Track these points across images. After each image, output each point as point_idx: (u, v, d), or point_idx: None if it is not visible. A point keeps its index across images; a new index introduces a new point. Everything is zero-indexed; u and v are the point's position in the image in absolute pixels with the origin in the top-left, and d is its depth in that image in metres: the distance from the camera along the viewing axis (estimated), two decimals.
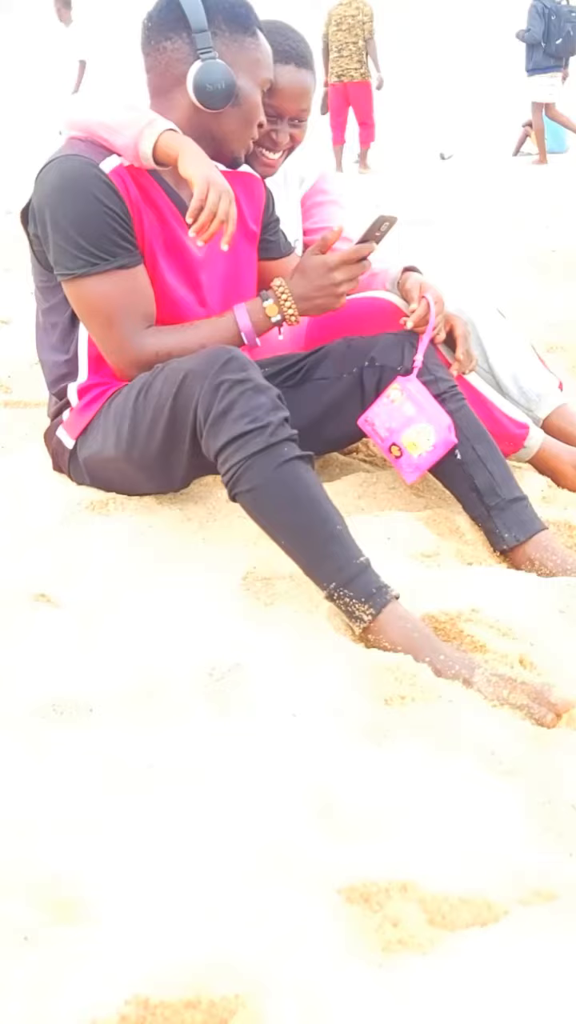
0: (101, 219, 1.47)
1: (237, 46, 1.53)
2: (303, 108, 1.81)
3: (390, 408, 1.58)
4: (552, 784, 1.05)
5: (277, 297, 1.55)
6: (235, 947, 0.82)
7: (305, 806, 0.99)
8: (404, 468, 1.58)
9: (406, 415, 1.56)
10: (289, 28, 1.81)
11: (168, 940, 0.83)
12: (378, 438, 1.61)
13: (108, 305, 1.50)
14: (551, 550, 1.50)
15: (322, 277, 1.52)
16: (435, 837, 0.96)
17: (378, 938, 0.87)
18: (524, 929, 0.88)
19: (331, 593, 1.30)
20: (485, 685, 1.19)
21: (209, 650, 1.23)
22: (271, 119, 1.77)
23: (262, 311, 1.55)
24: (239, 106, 1.54)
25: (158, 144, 1.46)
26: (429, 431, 1.55)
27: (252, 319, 1.55)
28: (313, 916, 0.87)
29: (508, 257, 4.21)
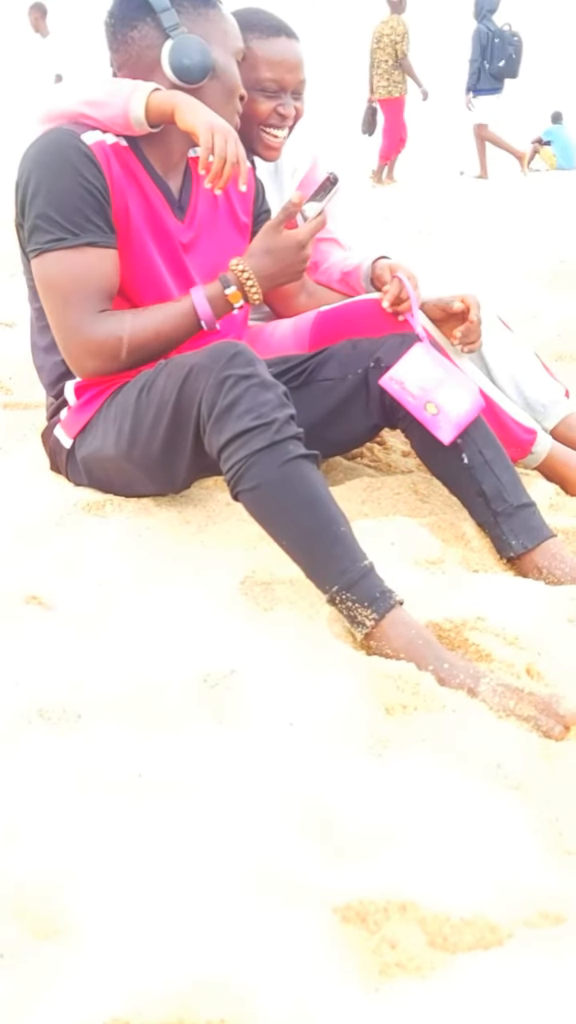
0: (77, 192, 1.44)
1: (203, 19, 1.52)
2: (302, 79, 1.80)
3: (420, 367, 1.52)
4: (560, 800, 1.00)
5: (240, 282, 1.48)
6: (222, 968, 0.78)
7: (301, 820, 0.94)
8: (442, 426, 1.49)
9: (437, 376, 1.50)
10: (264, 9, 1.83)
11: (152, 959, 0.78)
12: (409, 396, 1.51)
13: (66, 282, 1.46)
14: (560, 558, 1.45)
15: (294, 255, 1.49)
16: (437, 854, 0.92)
17: (375, 960, 0.82)
18: (529, 953, 0.83)
19: (333, 597, 1.26)
20: (491, 695, 1.14)
21: (204, 656, 1.18)
22: (274, 94, 1.77)
23: (223, 297, 1.49)
24: (218, 78, 1.53)
25: (150, 104, 1.44)
26: (462, 393, 1.50)
27: (212, 305, 1.49)
28: (306, 936, 0.82)
29: (517, 268, 4.19)
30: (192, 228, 1.61)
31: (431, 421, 1.50)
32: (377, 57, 8.78)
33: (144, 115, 1.45)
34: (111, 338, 1.47)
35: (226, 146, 1.42)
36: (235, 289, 1.48)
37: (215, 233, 1.65)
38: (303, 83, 1.81)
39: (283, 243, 1.48)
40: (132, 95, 1.44)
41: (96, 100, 1.46)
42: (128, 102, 1.44)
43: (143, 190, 1.54)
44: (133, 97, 1.44)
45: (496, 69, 8.55)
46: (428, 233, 5.46)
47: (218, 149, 1.41)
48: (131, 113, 1.44)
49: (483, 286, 3.37)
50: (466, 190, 8.10)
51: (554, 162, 11.25)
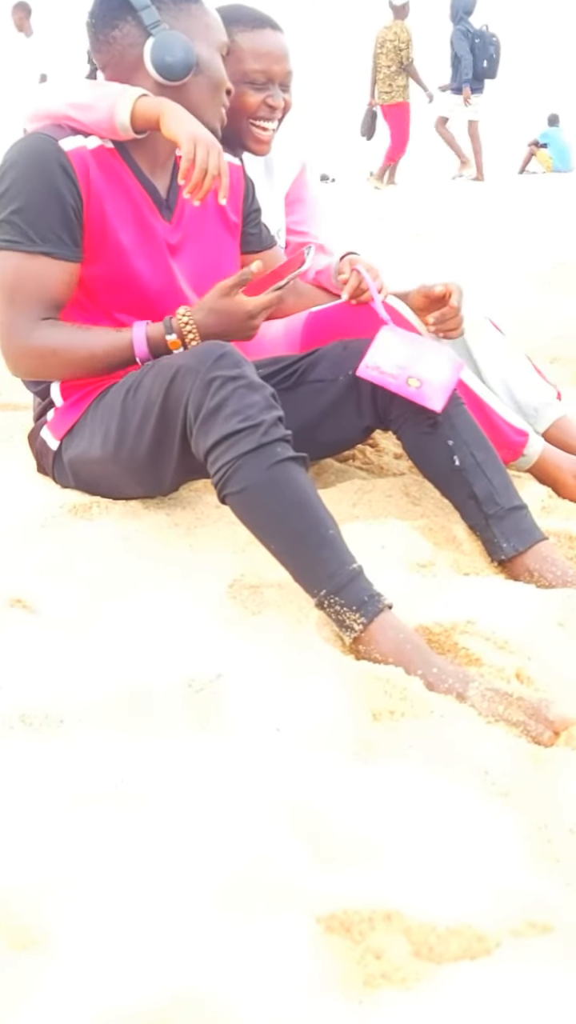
0: (46, 202, 1.43)
1: (185, 15, 1.51)
2: (289, 70, 1.80)
3: (391, 348, 1.51)
4: (549, 807, 0.99)
5: (182, 335, 1.44)
6: (202, 980, 0.76)
7: (285, 827, 0.92)
8: (429, 395, 1.48)
9: (411, 351, 1.50)
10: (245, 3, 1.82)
11: (130, 971, 0.77)
12: (389, 377, 1.50)
13: (13, 283, 1.45)
14: (551, 561, 1.44)
15: (240, 322, 1.44)
16: (423, 863, 0.90)
17: (359, 971, 0.80)
18: (517, 963, 0.81)
19: (321, 600, 1.24)
20: (480, 700, 1.12)
21: (189, 660, 1.17)
22: (263, 87, 1.76)
23: (163, 340, 1.45)
24: (202, 73, 1.52)
25: (136, 110, 1.43)
26: (439, 359, 1.49)
27: (151, 344, 1.46)
28: (289, 947, 0.80)
29: (513, 270, 4.19)
30: (180, 229, 1.59)
31: (417, 394, 1.49)
32: (379, 62, 8.83)
33: (130, 121, 1.44)
34: (44, 347, 1.46)
35: (208, 158, 1.40)
36: (175, 338, 1.45)
37: (204, 234, 1.63)
38: (290, 74, 1.81)
39: (231, 308, 1.43)
40: (118, 100, 1.43)
41: (82, 103, 1.45)
42: (114, 107, 1.43)
43: (128, 192, 1.52)
44: (119, 102, 1.43)
45: (480, 70, 8.71)
46: (424, 235, 5.46)
47: (199, 160, 1.40)
48: (116, 118, 1.43)
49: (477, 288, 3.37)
50: (462, 192, 8.10)
51: (550, 164, 11.26)
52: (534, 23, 18.57)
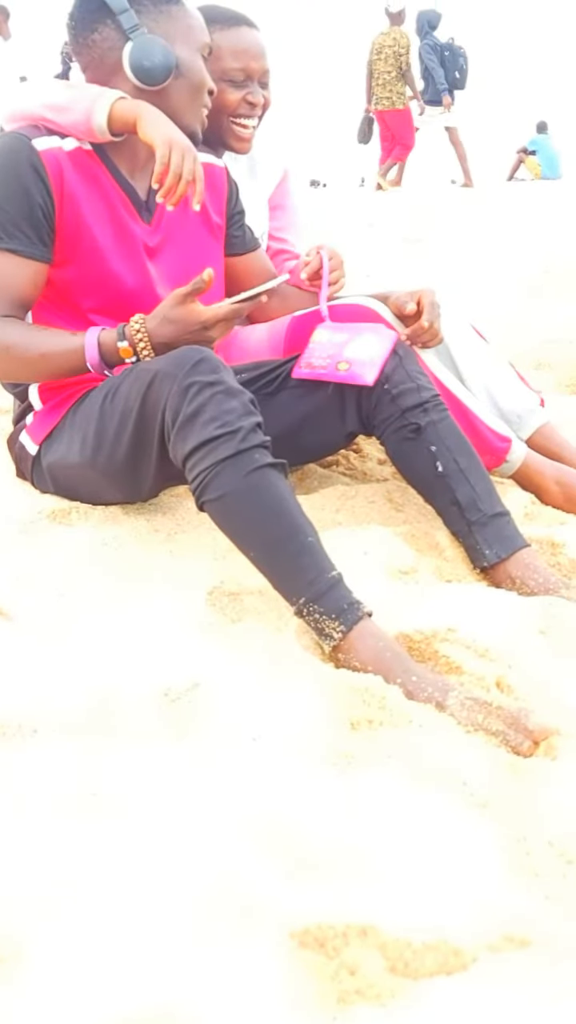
0: (14, 201, 1.42)
1: (165, 17, 1.50)
2: (267, 68, 1.80)
3: (320, 346, 1.55)
4: (528, 818, 0.97)
5: (133, 343, 1.40)
6: (173, 996, 0.75)
7: (259, 839, 0.91)
8: (359, 372, 1.50)
9: (338, 341, 1.53)
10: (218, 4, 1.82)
11: (101, 986, 0.75)
12: (319, 370, 1.53)
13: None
14: (533, 568, 1.43)
15: (195, 333, 1.39)
16: (399, 876, 0.89)
17: (333, 988, 0.79)
18: (494, 978, 0.80)
19: (300, 609, 1.23)
20: (459, 709, 1.11)
21: (166, 669, 1.15)
22: (242, 84, 1.77)
23: (115, 347, 1.41)
24: (182, 76, 1.50)
25: (113, 112, 1.42)
26: (371, 339, 1.52)
27: (102, 350, 1.41)
28: (261, 962, 0.79)
29: (501, 276, 4.19)
30: (159, 231, 1.58)
31: (347, 376, 1.51)
32: (378, 68, 8.85)
33: (107, 123, 1.42)
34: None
35: (183, 162, 1.40)
36: (127, 346, 1.40)
37: (185, 236, 1.62)
38: (268, 72, 1.81)
39: (185, 316, 1.38)
40: (96, 102, 1.42)
41: (58, 105, 1.43)
42: (91, 109, 1.42)
43: (105, 194, 1.51)
44: (96, 104, 1.42)
45: (451, 80, 8.84)
46: (413, 240, 5.46)
47: (174, 164, 1.39)
48: (94, 120, 1.42)
49: (462, 294, 3.37)
50: (451, 199, 8.11)
51: (539, 172, 11.30)
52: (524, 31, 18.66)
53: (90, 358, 1.41)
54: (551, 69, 18.41)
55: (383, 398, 1.54)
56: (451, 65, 8.78)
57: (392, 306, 1.67)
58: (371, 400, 1.56)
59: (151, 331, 1.39)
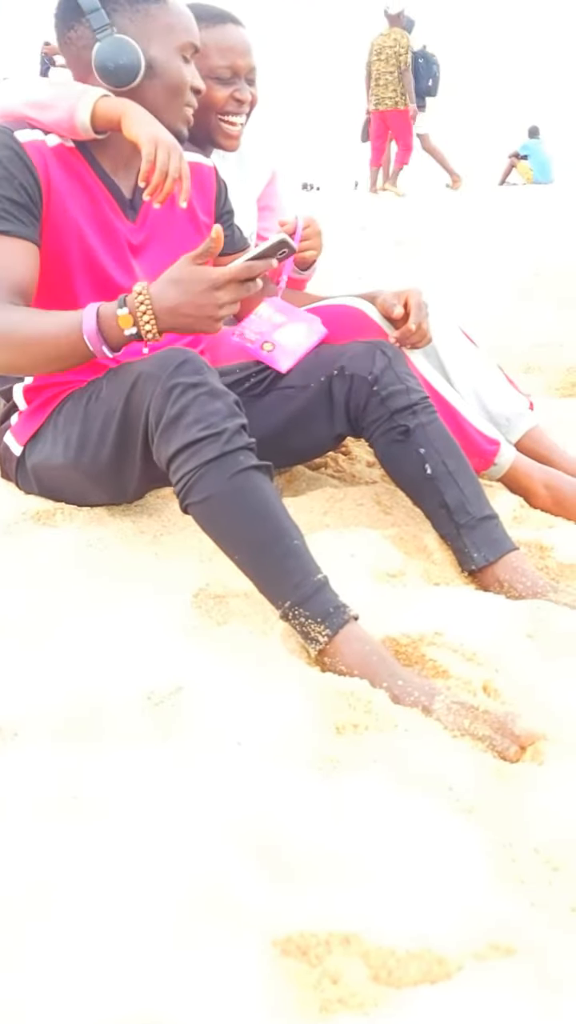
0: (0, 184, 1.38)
1: (142, 16, 1.47)
2: (253, 65, 1.80)
3: (259, 320, 1.62)
4: (514, 824, 0.96)
5: (133, 307, 1.28)
6: (152, 1003, 0.73)
7: (243, 845, 0.89)
8: (278, 358, 1.60)
9: (275, 322, 1.61)
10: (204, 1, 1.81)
11: (80, 993, 0.73)
12: (247, 343, 1.62)
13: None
14: (521, 571, 1.42)
15: (203, 294, 1.27)
16: (384, 882, 0.88)
17: (315, 996, 0.78)
18: (479, 987, 0.79)
19: (286, 612, 1.22)
20: (445, 714, 1.10)
21: (150, 672, 1.13)
22: (229, 81, 1.76)
23: (114, 317, 1.29)
24: (156, 76, 1.47)
25: (96, 110, 1.40)
26: (301, 328, 1.60)
27: (102, 324, 1.30)
28: (242, 970, 0.78)
29: (492, 280, 4.19)
30: (144, 229, 1.57)
31: (268, 357, 1.60)
32: (378, 69, 8.85)
33: (90, 121, 1.41)
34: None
35: (168, 160, 1.38)
36: (127, 312, 1.28)
37: (170, 234, 1.60)
38: (254, 69, 1.81)
39: (192, 275, 1.28)
40: (79, 100, 1.41)
41: (40, 102, 1.42)
42: (74, 107, 1.40)
43: (90, 191, 1.49)
44: (80, 102, 1.41)
45: (423, 88, 8.86)
46: (405, 243, 5.47)
47: (160, 163, 1.38)
48: (77, 118, 1.41)
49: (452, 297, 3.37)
50: (443, 202, 8.12)
51: (531, 176, 11.32)
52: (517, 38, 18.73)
53: (87, 330, 1.29)
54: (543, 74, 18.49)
55: (372, 400, 1.53)
56: (424, 73, 8.80)
57: (379, 307, 1.66)
58: (359, 402, 1.55)
59: (154, 295, 1.29)
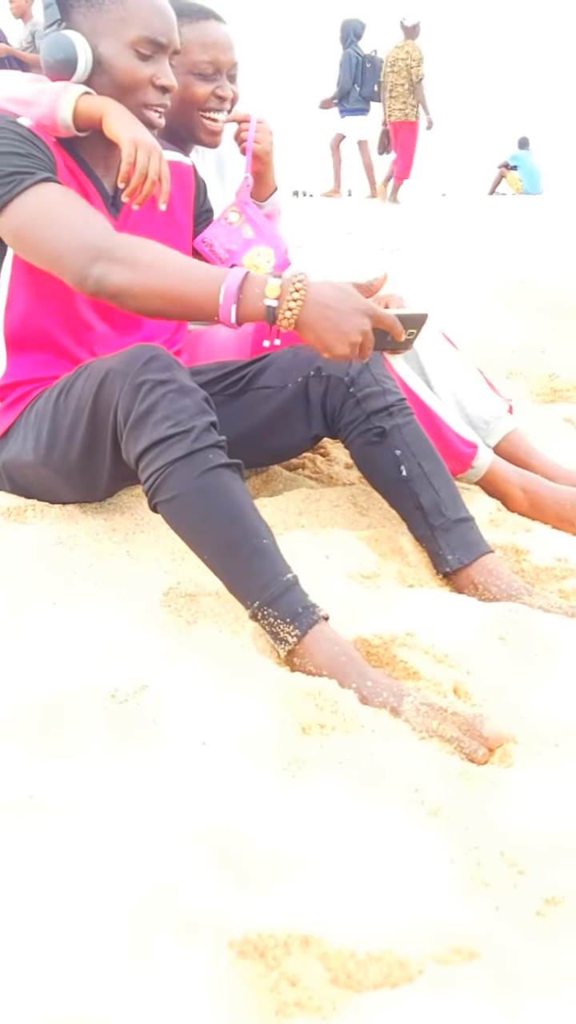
0: (17, 147, 1.36)
1: (95, 11, 1.43)
2: (235, 61, 1.78)
3: (229, 229, 1.60)
4: (480, 827, 0.95)
5: (287, 284, 1.24)
6: (105, 1006, 0.72)
7: (202, 845, 0.88)
8: None
9: (245, 237, 1.59)
10: None
11: (30, 995, 0.72)
12: (217, 259, 1.61)
13: (54, 207, 1.33)
14: (496, 574, 1.41)
15: (354, 313, 1.25)
16: (345, 884, 0.86)
17: (272, 999, 0.76)
18: (440, 991, 0.78)
19: (255, 612, 1.20)
20: (414, 715, 1.09)
21: (116, 670, 1.12)
22: (211, 77, 1.75)
23: (262, 286, 1.25)
24: (104, 73, 1.43)
25: (78, 108, 1.39)
26: (269, 253, 1.58)
27: (245, 285, 1.25)
28: (198, 972, 0.76)
29: (477, 286, 4.20)
30: (126, 227, 1.55)
31: None
32: (391, 81, 8.90)
33: (72, 119, 1.40)
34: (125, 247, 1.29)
35: (148, 162, 1.38)
36: (279, 286, 1.24)
37: (152, 233, 1.58)
38: (236, 65, 1.79)
39: (353, 292, 1.27)
40: (60, 97, 1.39)
41: (21, 98, 1.41)
42: (56, 104, 1.39)
43: (80, 185, 1.48)
44: (61, 99, 1.39)
45: (368, 92, 8.90)
46: (391, 250, 5.47)
47: (140, 164, 1.37)
48: (58, 115, 1.40)
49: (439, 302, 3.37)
50: (433, 210, 8.15)
51: (520, 187, 11.39)
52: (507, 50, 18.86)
53: (229, 283, 1.25)
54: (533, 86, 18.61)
55: (348, 401, 1.52)
56: (370, 77, 8.83)
57: None
58: (336, 403, 1.54)
59: (312, 285, 1.25)
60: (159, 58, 1.45)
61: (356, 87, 8.82)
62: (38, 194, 1.34)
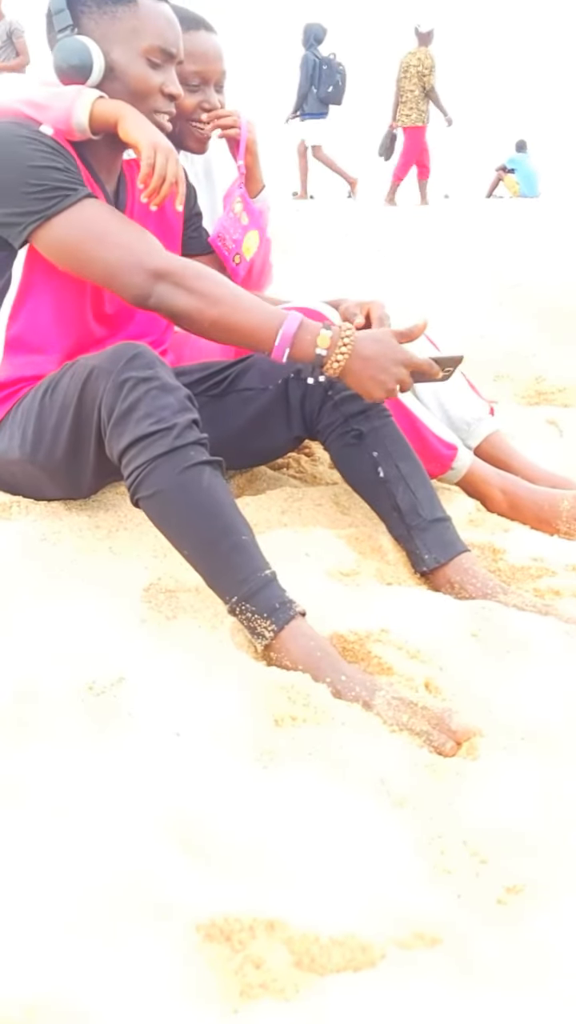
0: (54, 161, 1.39)
1: (108, 19, 1.47)
2: (223, 71, 1.81)
3: (234, 219, 1.74)
4: (445, 817, 0.97)
5: (338, 338, 1.36)
6: (71, 984, 0.74)
7: (174, 833, 0.90)
8: (241, 273, 1.81)
9: (243, 224, 1.75)
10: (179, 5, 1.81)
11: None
12: (227, 252, 1.77)
13: (104, 224, 1.38)
14: (472, 573, 1.44)
15: (393, 364, 1.37)
16: (311, 870, 0.89)
17: (236, 981, 0.78)
18: (401, 975, 0.80)
19: (233, 607, 1.23)
20: (385, 709, 1.11)
21: (94, 663, 1.14)
22: (197, 88, 1.77)
23: (315, 335, 1.37)
24: (118, 79, 1.47)
25: (94, 111, 1.42)
26: (255, 236, 1.77)
27: (299, 332, 1.36)
28: (164, 954, 0.78)
29: (469, 289, 4.22)
30: None
31: (234, 269, 1.81)
32: (403, 86, 8.96)
33: (88, 122, 1.42)
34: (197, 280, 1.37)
35: (167, 164, 1.41)
36: (330, 336, 1.36)
37: None
38: (224, 74, 1.81)
39: (393, 346, 1.38)
40: (76, 101, 1.42)
41: (37, 102, 1.43)
42: (72, 107, 1.41)
43: (90, 187, 1.51)
44: (77, 103, 1.41)
45: (325, 95, 8.85)
46: (387, 251, 5.49)
47: (159, 167, 1.40)
48: (74, 118, 1.42)
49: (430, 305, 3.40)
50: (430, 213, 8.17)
51: (517, 190, 11.42)
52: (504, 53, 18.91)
53: (287, 329, 1.36)
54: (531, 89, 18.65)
55: (326, 404, 1.55)
56: (327, 80, 8.77)
57: (341, 313, 1.68)
58: (315, 406, 1.57)
59: (357, 340, 1.37)
60: (167, 67, 1.50)
61: (314, 89, 8.79)
62: (84, 211, 1.38)
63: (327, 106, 8.92)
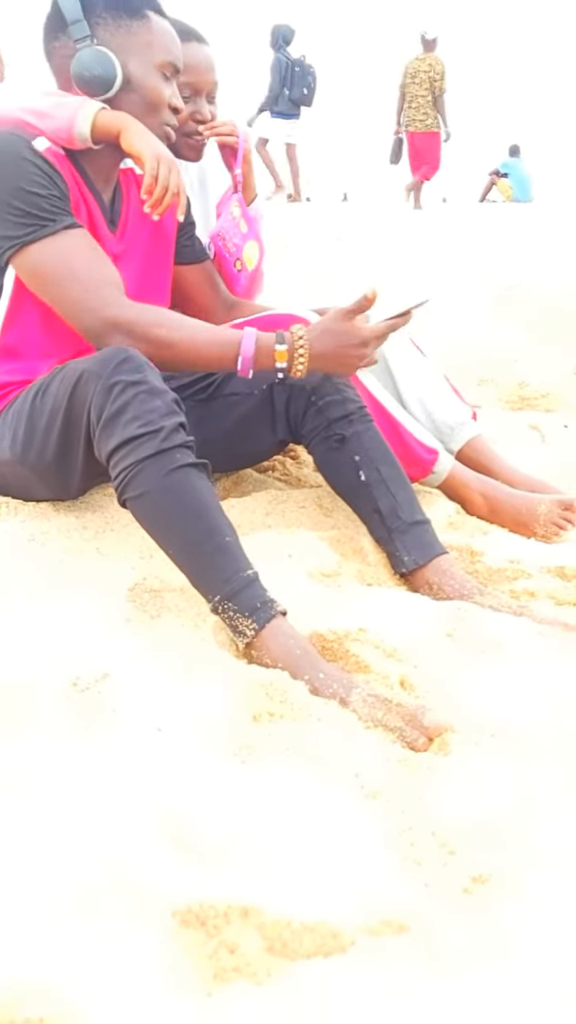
0: (40, 186, 1.42)
1: (124, 31, 1.50)
2: (215, 82, 1.84)
3: (233, 223, 1.78)
4: (415, 810, 1.01)
5: (292, 347, 1.42)
6: (47, 968, 0.77)
7: (153, 824, 0.94)
8: (242, 281, 1.87)
9: (243, 232, 1.78)
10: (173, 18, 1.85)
11: None
12: (227, 254, 1.81)
13: (72, 260, 1.41)
14: (450, 574, 1.47)
15: (352, 347, 1.42)
16: (285, 860, 0.92)
17: (211, 965, 0.82)
18: (371, 961, 0.83)
19: (216, 606, 1.26)
20: (361, 705, 1.15)
21: (79, 660, 1.17)
22: (188, 99, 1.80)
23: (271, 349, 1.42)
24: (133, 91, 1.51)
25: (97, 122, 1.44)
26: (255, 247, 1.80)
27: (258, 353, 1.42)
28: (141, 940, 0.82)
29: (464, 294, 4.25)
30: (123, 240, 1.62)
31: (235, 275, 1.87)
32: (412, 92, 9.00)
33: (90, 132, 1.45)
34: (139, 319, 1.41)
35: (169, 175, 1.44)
36: (285, 348, 1.41)
37: (142, 246, 1.66)
38: (216, 85, 1.84)
39: (347, 330, 1.42)
40: (78, 111, 1.44)
41: (39, 111, 1.45)
42: (74, 117, 1.44)
43: (85, 199, 1.54)
44: (79, 113, 1.44)
45: (297, 96, 8.88)
46: (379, 255, 5.53)
47: (162, 178, 1.43)
48: (76, 128, 1.44)
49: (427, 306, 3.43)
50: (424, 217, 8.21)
51: (510, 194, 11.48)
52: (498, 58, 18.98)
53: (245, 353, 1.41)
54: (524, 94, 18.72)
55: (309, 409, 1.59)
56: (299, 82, 8.81)
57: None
58: (299, 410, 1.60)
59: (311, 340, 1.42)
60: (173, 81, 1.55)
61: (285, 91, 8.81)
62: (58, 242, 1.42)
63: (299, 107, 8.95)
